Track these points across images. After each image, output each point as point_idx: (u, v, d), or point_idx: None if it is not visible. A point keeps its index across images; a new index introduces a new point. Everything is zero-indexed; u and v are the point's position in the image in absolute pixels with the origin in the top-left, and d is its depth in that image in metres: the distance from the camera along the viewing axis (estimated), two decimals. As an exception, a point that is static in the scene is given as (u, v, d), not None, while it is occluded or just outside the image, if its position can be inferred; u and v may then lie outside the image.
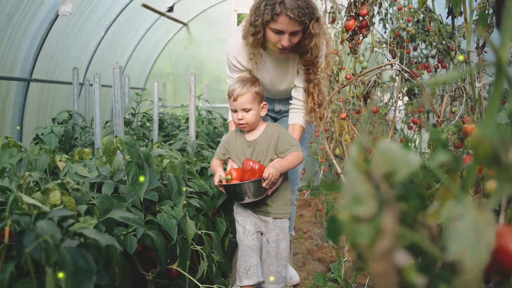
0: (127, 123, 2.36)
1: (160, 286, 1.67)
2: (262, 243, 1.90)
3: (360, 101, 2.23)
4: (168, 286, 1.64)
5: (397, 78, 2.10)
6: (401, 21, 2.86)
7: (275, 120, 2.23)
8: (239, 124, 1.81)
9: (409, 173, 0.41)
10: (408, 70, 1.46)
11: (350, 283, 2.08)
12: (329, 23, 3.42)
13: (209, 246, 1.66)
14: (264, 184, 1.71)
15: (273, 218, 1.87)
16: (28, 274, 0.91)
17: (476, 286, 0.38)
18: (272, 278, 1.85)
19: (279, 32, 1.72)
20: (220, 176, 1.77)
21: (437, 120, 1.57)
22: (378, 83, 2.20)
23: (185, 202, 1.63)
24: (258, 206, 1.87)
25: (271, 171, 1.71)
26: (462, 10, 1.37)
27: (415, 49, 3.21)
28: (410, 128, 2.85)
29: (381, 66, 1.44)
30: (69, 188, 1.26)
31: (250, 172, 1.72)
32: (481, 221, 0.40)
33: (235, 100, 1.75)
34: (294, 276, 2.30)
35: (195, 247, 1.58)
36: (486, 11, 1.55)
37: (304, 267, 2.53)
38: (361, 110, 2.17)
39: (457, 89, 1.77)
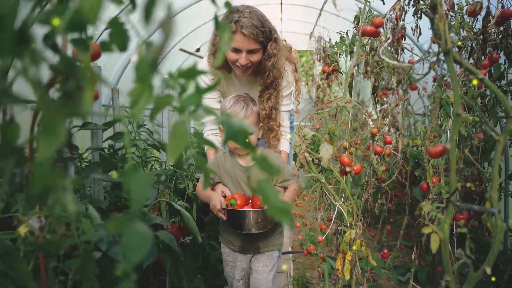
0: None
1: (211, 229, 2.76)
2: (250, 275, 1.79)
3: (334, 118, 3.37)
4: (215, 229, 2.74)
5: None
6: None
7: None
8: (238, 149, 1.69)
9: (311, 136, 1.54)
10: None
11: (329, 238, 3.16)
12: (317, 60, 4.59)
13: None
14: None
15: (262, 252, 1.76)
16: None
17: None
18: None
19: (237, 51, 1.73)
20: (222, 201, 1.61)
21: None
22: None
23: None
24: (248, 243, 1.73)
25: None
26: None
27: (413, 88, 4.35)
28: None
29: (330, 101, 2.54)
30: (169, 165, 2.39)
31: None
32: (328, 147, 1.51)
33: None
34: None
35: (232, 203, 2.69)
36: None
37: (299, 234, 3.62)
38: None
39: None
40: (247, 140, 0.47)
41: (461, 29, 1.60)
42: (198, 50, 5.66)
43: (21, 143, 0.47)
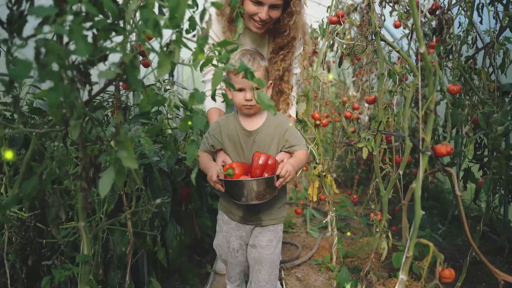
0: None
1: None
2: (247, 250, 1.65)
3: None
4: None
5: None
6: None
7: None
8: (246, 106, 1.50)
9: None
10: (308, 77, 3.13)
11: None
12: (303, 44, 5.11)
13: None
14: (277, 183, 1.43)
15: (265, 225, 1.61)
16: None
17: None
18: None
19: (259, 3, 1.64)
20: (219, 170, 1.46)
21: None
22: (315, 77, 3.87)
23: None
24: (250, 214, 1.59)
25: (289, 168, 1.43)
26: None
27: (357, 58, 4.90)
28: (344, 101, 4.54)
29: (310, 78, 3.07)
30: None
31: (261, 168, 1.44)
32: (303, 104, 2.05)
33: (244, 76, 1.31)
34: None
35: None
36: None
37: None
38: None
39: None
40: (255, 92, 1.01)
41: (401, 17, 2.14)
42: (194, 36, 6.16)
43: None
